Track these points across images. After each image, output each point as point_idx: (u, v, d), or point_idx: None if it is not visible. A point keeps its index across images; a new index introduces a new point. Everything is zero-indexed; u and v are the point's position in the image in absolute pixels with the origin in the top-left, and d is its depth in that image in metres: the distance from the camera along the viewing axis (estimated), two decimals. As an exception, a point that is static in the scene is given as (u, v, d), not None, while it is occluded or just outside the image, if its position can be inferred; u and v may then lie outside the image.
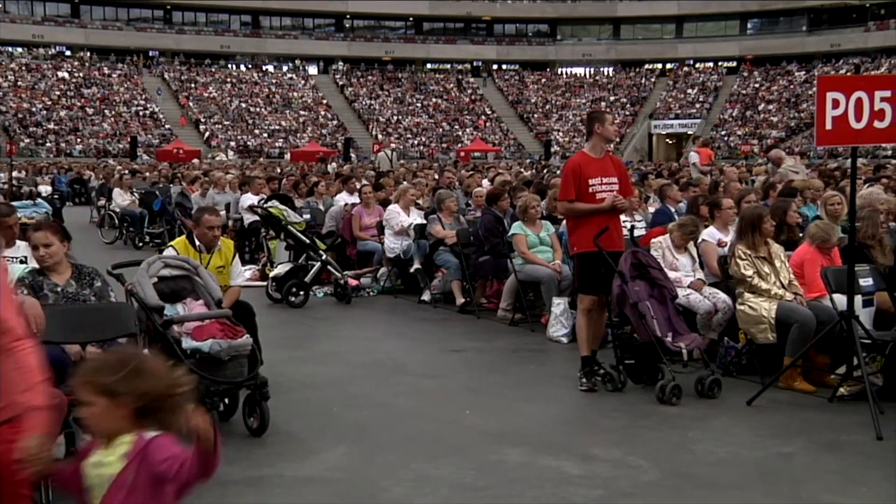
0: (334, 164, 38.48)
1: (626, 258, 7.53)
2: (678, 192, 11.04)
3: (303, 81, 72.97)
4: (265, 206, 12.08)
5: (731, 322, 7.98)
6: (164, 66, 69.56)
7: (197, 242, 7.25)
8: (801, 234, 8.61)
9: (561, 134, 68.74)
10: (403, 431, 6.37)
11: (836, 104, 6.33)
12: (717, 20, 73.07)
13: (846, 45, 67.60)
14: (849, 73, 65.83)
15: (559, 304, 9.37)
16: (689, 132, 63.26)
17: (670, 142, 68.13)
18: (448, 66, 77.51)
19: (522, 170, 29.39)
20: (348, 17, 74.35)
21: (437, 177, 20.66)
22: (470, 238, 11.12)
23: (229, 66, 72.21)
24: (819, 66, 66.12)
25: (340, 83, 72.98)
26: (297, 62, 74.33)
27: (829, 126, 6.35)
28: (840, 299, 6.82)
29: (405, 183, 13.30)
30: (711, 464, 5.63)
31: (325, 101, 70.60)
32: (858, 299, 7.06)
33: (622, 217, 10.14)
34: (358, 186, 15.02)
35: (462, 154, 56.86)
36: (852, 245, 6.78)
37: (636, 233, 10.13)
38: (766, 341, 7.44)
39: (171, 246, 7.43)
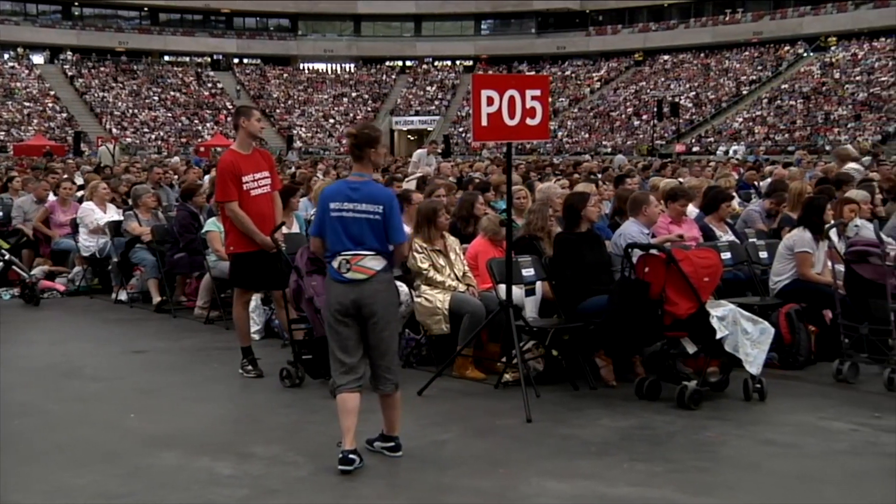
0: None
1: (303, 253, 7.50)
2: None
3: (27, 71, 68.33)
4: (-62, 203, 11.16)
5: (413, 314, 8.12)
6: None
7: None
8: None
9: (304, 129, 68.42)
10: (55, 440, 6.01)
11: (490, 101, 6.56)
12: (453, 20, 75.28)
13: (571, 48, 71.75)
14: (573, 74, 69.83)
15: (251, 301, 9.18)
16: (429, 128, 64.82)
17: (412, 138, 69.41)
18: (187, 58, 75.14)
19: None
20: (76, 4, 70.44)
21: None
22: (166, 235, 10.77)
23: (-59, 52, 66.60)
24: (547, 66, 69.60)
25: (70, 74, 69.01)
26: (20, 50, 69.50)
27: (484, 122, 6.56)
28: (504, 289, 7.08)
29: (95, 181, 12.69)
30: (366, 456, 5.68)
31: (52, 93, 66.41)
32: (522, 289, 7.40)
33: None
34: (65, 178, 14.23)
35: (202, 149, 55.28)
36: (509, 237, 7.06)
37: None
38: (441, 332, 7.65)
39: None
